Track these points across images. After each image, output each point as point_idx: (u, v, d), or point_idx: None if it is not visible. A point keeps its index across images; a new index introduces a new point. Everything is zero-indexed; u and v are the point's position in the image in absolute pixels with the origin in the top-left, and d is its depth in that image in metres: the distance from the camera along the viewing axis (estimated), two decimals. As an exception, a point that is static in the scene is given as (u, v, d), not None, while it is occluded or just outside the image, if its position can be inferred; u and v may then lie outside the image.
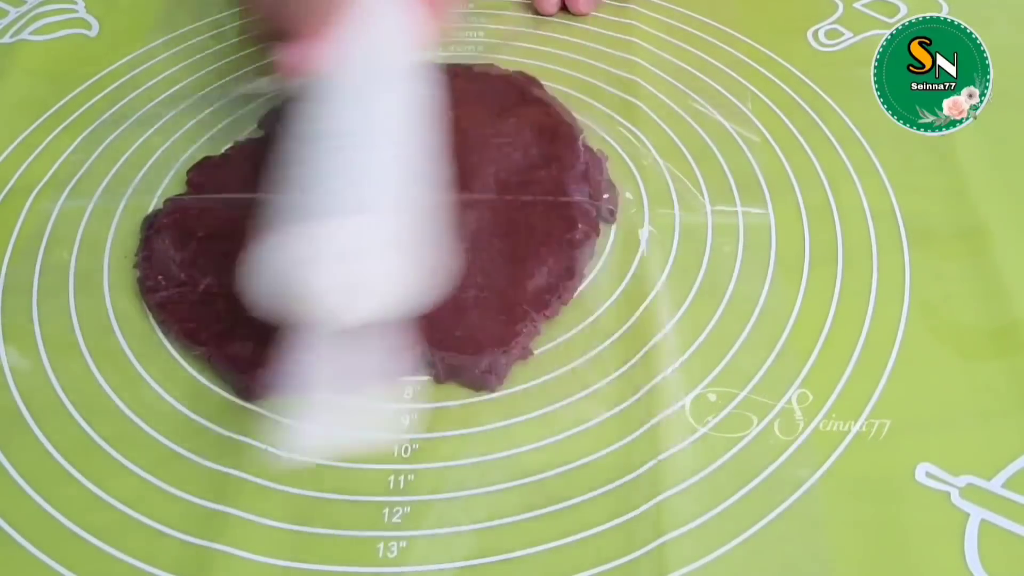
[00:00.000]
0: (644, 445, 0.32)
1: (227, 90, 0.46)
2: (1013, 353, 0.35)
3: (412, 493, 0.31)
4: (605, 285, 0.37)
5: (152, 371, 0.35)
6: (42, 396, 0.34)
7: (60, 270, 0.38)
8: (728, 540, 0.30)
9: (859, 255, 0.38)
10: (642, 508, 0.31)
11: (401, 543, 0.30)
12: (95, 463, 0.32)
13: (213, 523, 0.31)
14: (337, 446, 0.31)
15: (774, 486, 0.31)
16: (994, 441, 0.32)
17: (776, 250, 0.38)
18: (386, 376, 0.30)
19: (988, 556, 0.29)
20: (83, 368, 0.35)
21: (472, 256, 0.37)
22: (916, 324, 0.35)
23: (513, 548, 0.30)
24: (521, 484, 0.31)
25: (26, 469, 0.32)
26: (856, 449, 0.32)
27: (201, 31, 0.50)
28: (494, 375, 0.34)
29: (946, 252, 0.38)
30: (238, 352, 0.34)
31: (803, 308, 0.36)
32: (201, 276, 0.37)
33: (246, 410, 0.34)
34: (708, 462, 0.32)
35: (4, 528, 0.31)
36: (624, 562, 0.29)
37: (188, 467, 0.32)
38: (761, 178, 0.41)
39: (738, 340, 0.35)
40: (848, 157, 0.42)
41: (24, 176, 0.42)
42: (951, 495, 0.31)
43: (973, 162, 0.42)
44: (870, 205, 0.40)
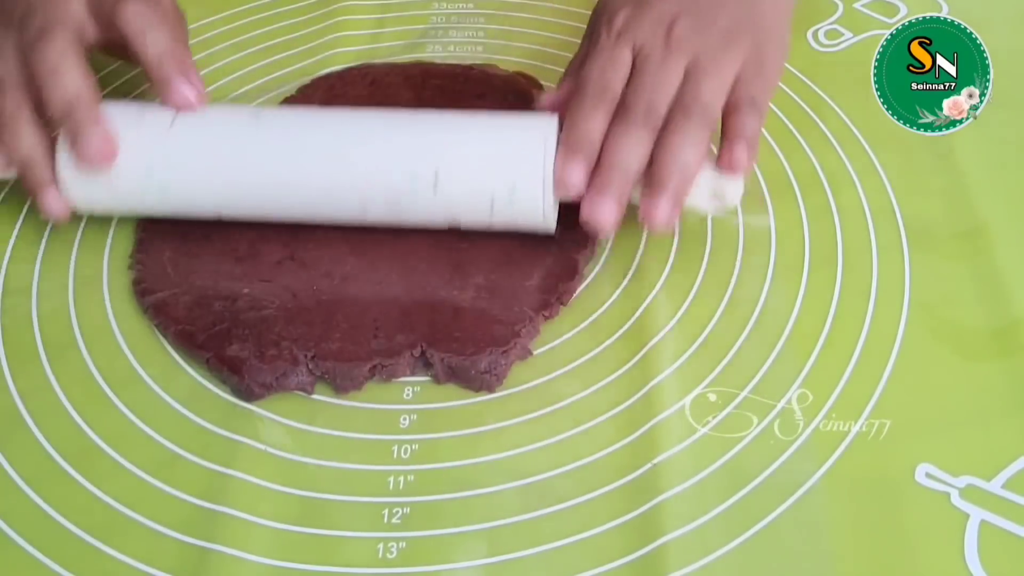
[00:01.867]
0: (644, 445, 0.32)
1: (226, 91, 0.46)
2: (1013, 353, 0.35)
3: (412, 494, 0.31)
4: (605, 285, 0.37)
5: (152, 371, 0.35)
6: (42, 396, 0.34)
7: (60, 270, 0.38)
8: (728, 540, 0.30)
9: (859, 255, 0.38)
10: (642, 508, 0.31)
11: (400, 544, 0.30)
12: (94, 463, 0.32)
13: (212, 523, 0.31)
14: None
15: (774, 486, 0.31)
16: (994, 442, 0.32)
17: (776, 250, 0.38)
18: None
19: (988, 557, 0.29)
20: (83, 368, 0.35)
21: (472, 256, 0.37)
22: (916, 324, 0.35)
23: (513, 549, 0.30)
24: (521, 485, 0.31)
25: (25, 469, 0.32)
26: (856, 449, 0.32)
27: (201, 31, 0.49)
28: (494, 375, 0.34)
29: (946, 252, 0.38)
30: (236, 354, 0.34)
31: (803, 308, 0.36)
32: (196, 278, 0.37)
33: (245, 410, 0.34)
34: (708, 462, 0.32)
35: (3, 528, 0.31)
36: (624, 562, 0.29)
37: (187, 467, 0.32)
38: (761, 178, 0.41)
39: (738, 340, 0.35)
40: (848, 157, 0.42)
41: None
42: (951, 496, 0.31)
43: (973, 162, 0.42)
44: (870, 205, 0.40)
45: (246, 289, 0.36)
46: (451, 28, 0.50)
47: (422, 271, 0.37)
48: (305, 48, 0.49)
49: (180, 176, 0.36)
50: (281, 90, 0.45)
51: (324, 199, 0.36)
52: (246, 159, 0.36)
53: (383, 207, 0.36)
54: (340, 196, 0.36)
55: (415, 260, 0.37)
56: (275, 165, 0.36)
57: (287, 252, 0.38)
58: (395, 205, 0.36)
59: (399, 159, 0.35)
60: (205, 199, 0.36)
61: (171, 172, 0.36)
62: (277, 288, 0.36)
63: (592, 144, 0.35)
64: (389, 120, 0.37)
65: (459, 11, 0.51)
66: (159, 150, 0.36)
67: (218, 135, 0.36)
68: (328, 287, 0.36)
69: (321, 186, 0.36)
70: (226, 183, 0.36)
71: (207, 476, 0.32)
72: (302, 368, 0.34)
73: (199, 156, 0.36)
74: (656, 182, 0.34)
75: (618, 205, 0.34)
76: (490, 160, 0.35)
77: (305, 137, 0.36)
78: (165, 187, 0.36)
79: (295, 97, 0.45)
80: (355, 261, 0.37)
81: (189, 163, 0.36)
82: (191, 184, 0.36)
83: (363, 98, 0.44)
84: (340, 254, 0.37)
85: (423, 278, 0.36)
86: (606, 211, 0.34)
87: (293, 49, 0.49)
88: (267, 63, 0.48)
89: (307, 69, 0.47)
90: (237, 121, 0.37)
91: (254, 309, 0.35)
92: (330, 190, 0.36)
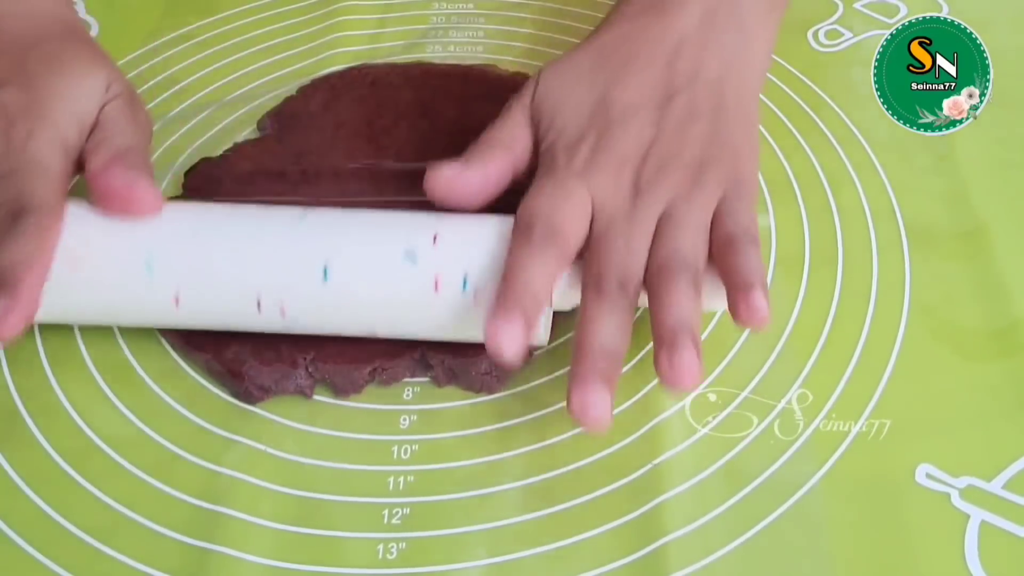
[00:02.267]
0: (644, 446, 0.32)
1: (227, 91, 0.46)
2: (1013, 354, 0.35)
3: (412, 495, 0.31)
4: (605, 285, 0.37)
5: (152, 371, 0.35)
6: (42, 396, 0.34)
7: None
8: (728, 541, 0.30)
9: (859, 255, 0.38)
10: (642, 509, 0.31)
11: (400, 544, 0.30)
12: (94, 463, 0.32)
13: (212, 524, 0.31)
14: None
15: (774, 486, 0.31)
16: (994, 442, 0.32)
17: (776, 250, 0.38)
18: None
19: (988, 557, 0.29)
20: (83, 369, 0.35)
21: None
22: (916, 324, 0.35)
23: (513, 550, 0.30)
24: (521, 485, 0.31)
25: (25, 470, 0.32)
26: (856, 449, 0.32)
27: (201, 31, 0.49)
28: (495, 377, 0.34)
29: (946, 252, 0.38)
30: (235, 356, 0.34)
31: (803, 308, 0.36)
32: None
33: (245, 411, 0.34)
34: (709, 463, 0.32)
35: (3, 528, 0.31)
36: (625, 563, 0.29)
37: (187, 467, 0.32)
38: (761, 178, 0.41)
39: (738, 340, 0.35)
40: (848, 157, 0.42)
41: (23, 177, 0.42)
42: (951, 496, 0.31)
43: (973, 162, 0.42)
44: (870, 205, 0.40)
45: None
46: (451, 28, 0.50)
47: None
48: (305, 48, 0.49)
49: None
50: (281, 90, 0.45)
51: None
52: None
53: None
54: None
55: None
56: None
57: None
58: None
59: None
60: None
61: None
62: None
63: (535, 299, 0.30)
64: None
65: (459, 11, 0.51)
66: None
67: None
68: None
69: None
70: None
71: (207, 476, 0.32)
72: (301, 371, 0.34)
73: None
74: (670, 343, 0.29)
75: (610, 393, 0.29)
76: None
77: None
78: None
79: (295, 97, 0.44)
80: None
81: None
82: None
83: (363, 98, 0.44)
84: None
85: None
86: (600, 404, 0.29)
87: (293, 49, 0.49)
88: (267, 63, 0.48)
89: (307, 69, 0.47)
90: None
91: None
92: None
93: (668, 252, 0.31)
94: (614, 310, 0.30)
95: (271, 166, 0.41)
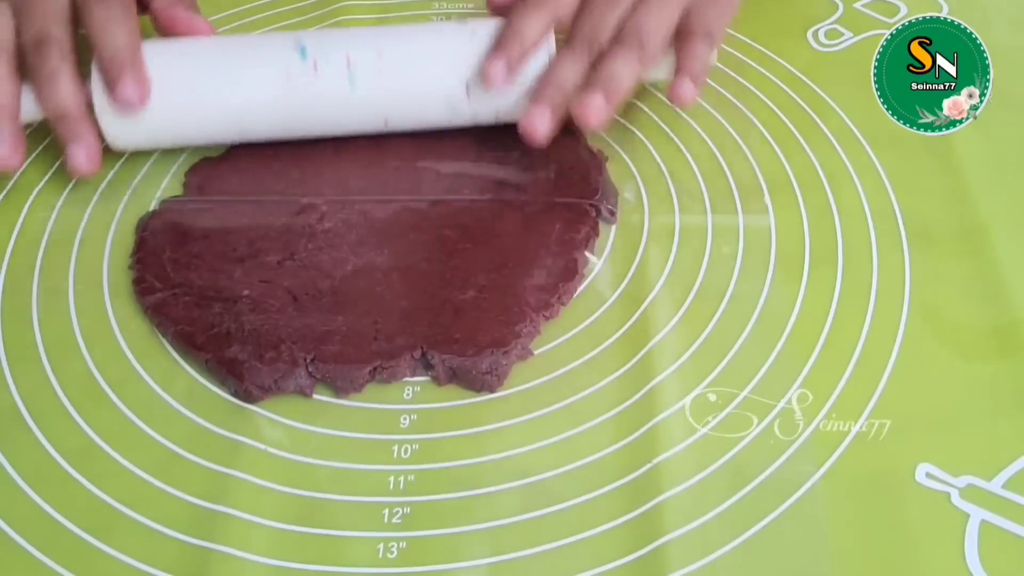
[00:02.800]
0: (644, 445, 0.32)
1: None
2: (1013, 353, 0.35)
3: (412, 494, 0.31)
4: (605, 286, 0.37)
5: (152, 371, 0.35)
6: (42, 396, 0.34)
7: (60, 271, 0.38)
8: (728, 541, 0.30)
9: (859, 255, 0.38)
10: (642, 508, 0.31)
11: (401, 544, 0.30)
12: (94, 463, 0.32)
13: (212, 523, 0.31)
14: None
15: (774, 486, 0.31)
16: (994, 441, 0.32)
17: (776, 250, 0.38)
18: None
19: (988, 557, 0.29)
20: (83, 368, 0.35)
21: (472, 256, 0.37)
22: (916, 324, 0.35)
23: (514, 549, 0.30)
24: (521, 485, 0.31)
25: (25, 469, 0.32)
26: (856, 449, 0.32)
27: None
28: (495, 376, 0.34)
29: (946, 252, 0.38)
30: (236, 355, 0.34)
31: (803, 308, 0.36)
32: (196, 278, 0.37)
33: (245, 410, 0.34)
34: (708, 462, 0.32)
35: (3, 528, 0.31)
36: (625, 562, 0.29)
37: (187, 467, 0.32)
38: (761, 178, 0.41)
39: (738, 340, 0.35)
40: (848, 157, 0.42)
41: (24, 176, 0.42)
42: (951, 496, 0.31)
43: (973, 162, 0.42)
44: (870, 205, 0.40)
45: (246, 291, 0.36)
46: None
47: (422, 272, 0.37)
48: (305, 48, 0.49)
49: (206, 103, 0.40)
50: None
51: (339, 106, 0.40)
52: (264, 78, 0.39)
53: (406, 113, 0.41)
54: (355, 103, 0.40)
55: (415, 261, 0.37)
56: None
57: (287, 252, 0.38)
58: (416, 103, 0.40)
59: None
60: (233, 120, 0.40)
61: (197, 98, 0.40)
62: (277, 289, 0.36)
63: (522, 44, 0.38)
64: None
65: (459, 11, 0.51)
66: (183, 81, 0.40)
67: (237, 57, 0.40)
68: (328, 288, 0.36)
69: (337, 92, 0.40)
70: (249, 101, 0.40)
71: (207, 476, 0.32)
72: (301, 371, 0.34)
73: (219, 81, 0.40)
74: (591, 89, 0.38)
75: (551, 115, 0.38)
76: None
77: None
78: (191, 115, 0.40)
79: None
80: (355, 262, 0.37)
81: (212, 89, 0.40)
82: (218, 109, 0.40)
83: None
84: (340, 255, 0.37)
85: (423, 279, 0.36)
86: (539, 120, 0.38)
87: (293, 49, 0.49)
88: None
89: (307, 69, 0.47)
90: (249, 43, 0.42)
91: (254, 311, 0.35)
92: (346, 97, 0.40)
93: (630, 27, 0.39)
94: (576, 61, 0.39)
95: (271, 165, 0.41)
